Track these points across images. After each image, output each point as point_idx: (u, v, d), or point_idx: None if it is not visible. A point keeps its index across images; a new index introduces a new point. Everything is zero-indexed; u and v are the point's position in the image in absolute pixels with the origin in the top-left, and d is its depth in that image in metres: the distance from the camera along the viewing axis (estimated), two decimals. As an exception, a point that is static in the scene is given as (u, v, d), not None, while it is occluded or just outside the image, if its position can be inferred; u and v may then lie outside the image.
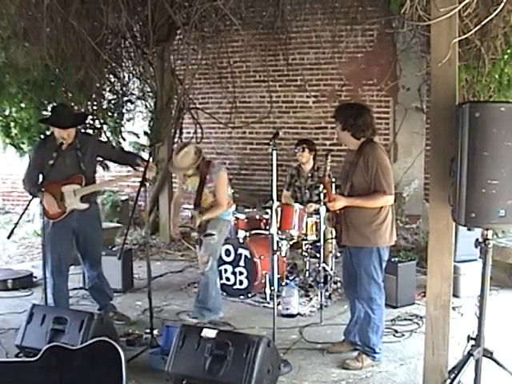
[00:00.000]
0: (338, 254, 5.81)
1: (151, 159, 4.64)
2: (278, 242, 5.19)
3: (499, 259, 5.57)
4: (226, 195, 4.86)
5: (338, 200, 3.90)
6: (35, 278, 6.00)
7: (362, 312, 4.06)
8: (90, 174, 4.71)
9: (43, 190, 4.47)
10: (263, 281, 5.41)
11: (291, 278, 5.82)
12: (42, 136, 6.38)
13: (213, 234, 4.79)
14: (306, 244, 5.72)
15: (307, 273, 5.76)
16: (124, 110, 7.93)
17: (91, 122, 7.28)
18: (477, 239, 3.10)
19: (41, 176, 4.59)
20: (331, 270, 5.66)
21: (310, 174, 6.15)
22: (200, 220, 4.75)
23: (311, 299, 5.40)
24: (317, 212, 5.52)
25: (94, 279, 4.93)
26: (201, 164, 4.78)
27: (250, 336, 3.62)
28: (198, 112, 8.11)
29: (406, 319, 4.87)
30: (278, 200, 4.84)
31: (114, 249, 5.77)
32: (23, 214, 4.40)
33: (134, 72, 7.88)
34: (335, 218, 4.09)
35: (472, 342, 3.12)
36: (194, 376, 3.49)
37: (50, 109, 6.55)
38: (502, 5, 3.59)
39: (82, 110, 6.92)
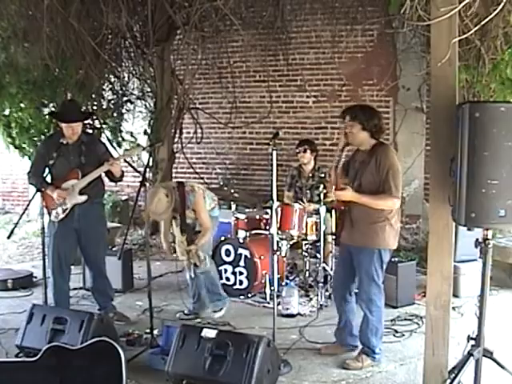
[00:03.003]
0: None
1: (151, 159, 4.63)
2: (277, 242, 5.21)
3: (499, 259, 5.58)
4: (207, 216, 4.82)
5: (346, 190, 3.85)
6: (35, 278, 6.00)
7: (350, 313, 4.11)
8: (89, 168, 4.61)
9: (43, 189, 4.48)
10: (263, 281, 5.42)
11: (291, 278, 5.82)
12: (43, 136, 6.38)
13: None
14: (306, 244, 5.72)
15: (307, 273, 5.76)
16: (124, 110, 7.93)
17: (91, 122, 7.28)
18: (477, 239, 3.09)
19: (47, 170, 4.61)
20: (331, 269, 5.65)
21: (310, 175, 6.14)
22: (197, 251, 4.71)
23: (311, 299, 5.40)
24: (317, 212, 5.53)
25: (96, 280, 4.92)
26: (176, 202, 4.70)
27: (249, 336, 3.62)
28: (197, 112, 8.10)
29: (406, 319, 4.87)
30: (278, 200, 4.83)
31: (114, 249, 5.76)
32: (23, 213, 4.41)
33: (133, 72, 7.88)
34: (338, 214, 4.08)
35: (472, 342, 3.12)
36: (193, 376, 3.49)
37: (54, 106, 6.58)
38: (502, 5, 3.59)
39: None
